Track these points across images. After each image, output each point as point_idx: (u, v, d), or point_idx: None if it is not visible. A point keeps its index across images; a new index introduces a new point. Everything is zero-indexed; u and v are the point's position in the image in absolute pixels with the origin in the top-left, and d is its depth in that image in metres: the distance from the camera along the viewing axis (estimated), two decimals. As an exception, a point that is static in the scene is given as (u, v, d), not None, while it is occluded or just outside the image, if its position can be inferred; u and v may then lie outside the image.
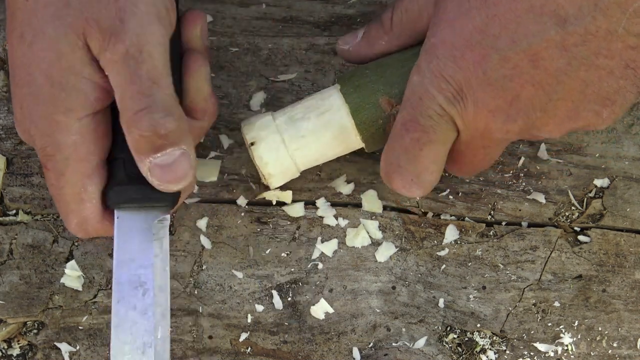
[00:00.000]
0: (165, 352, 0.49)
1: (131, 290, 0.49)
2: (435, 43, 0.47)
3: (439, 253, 0.57)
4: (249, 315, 0.56)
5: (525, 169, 0.58)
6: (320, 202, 0.58)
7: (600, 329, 0.56)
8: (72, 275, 0.56)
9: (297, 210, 0.57)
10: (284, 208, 0.57)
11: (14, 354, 0.56)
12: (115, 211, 0.50)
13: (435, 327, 0.56)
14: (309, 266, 0.57)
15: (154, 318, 0.49)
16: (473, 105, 0.46)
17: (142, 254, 0.50)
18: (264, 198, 0.57)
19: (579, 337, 0.56)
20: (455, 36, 0.45)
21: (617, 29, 0.42)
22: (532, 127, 0.47)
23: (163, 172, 0.47)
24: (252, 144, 0.53)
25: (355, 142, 0.53)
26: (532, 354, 0.56)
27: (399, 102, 0.51)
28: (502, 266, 0.57)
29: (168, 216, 0.51)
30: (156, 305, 0.49)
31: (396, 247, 0.57)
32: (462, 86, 0.46)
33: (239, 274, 0.56)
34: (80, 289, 0.56)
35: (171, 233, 0.57)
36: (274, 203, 0.57)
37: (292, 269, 0.57)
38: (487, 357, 0.56)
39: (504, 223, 0.58)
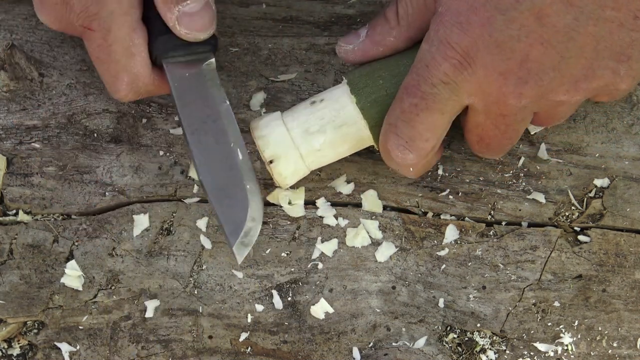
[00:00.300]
0: (251, 170, 0.51)
1: (201, 124, 0.51)
2: (441, 12, 0.47)
3: (439, 253, 0.57)
4: (249, 315, 0.56)
5: (525, 169, 0.58)
6: (320, 202, 0.58)
7: (600, 328, 0.56)
8: (72, 275, 0.56)
9: (297, 210, 0.57)
10: (284, 208, 0.57)
11: (14, 354, 0.56)
12: (164, 62, 0.52)
13: (435, 327, 0.56)
14: (309, 266, 0.57)
15: (230, 141, 0.51)
16: (482, 69, 0.46)
17: (199, 94, 0.52)
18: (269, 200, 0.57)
19: (579, 337, 0.56)
20: (459, 2, 0.46)
21: None
22: (547, 90, 0.46)
23: (191, 19, 0.49)
24: (270, 161, 0.53)
25: (368, 145, 0.54)
26: (532, 353, 0.56)
27: None
28: (502, 266, 0.57)
29: (213, 60, 0.53)
30: (229, 130, 0.51)
31: (396, 247, 0.57)
32: (469, 51, 0.46)
33: (239, 274, 0.56)
34: (80, 288, 0.56)
35: (171, 233, 0.57)
36: (285, 204, 0.57)
37: (292, 269, 0.57)
38: (487, 357, 0.56)
39: (504, 223, 0.58)
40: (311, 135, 0.52)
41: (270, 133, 0.53)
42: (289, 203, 0.57)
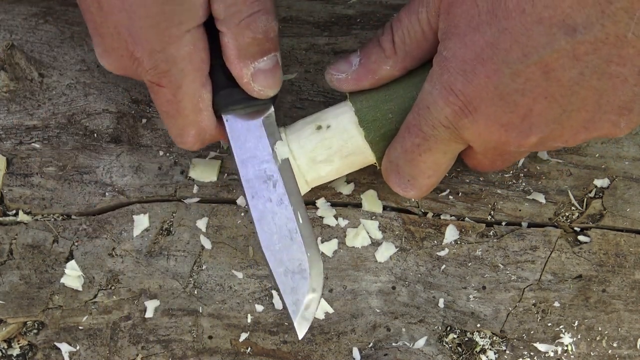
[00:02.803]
0: (311, 235, 0.51)
1: (261, 184, 0.51)
2: (447, 57, 0.46)
3: (439, 253, 0.57)
4: (249, 315, 0.56)
5: (525, 169, 0.58)
6: (320, 202, 0.58)
7: (600, 329, 0.56)
8: (72, 275, 0.56)
9: None
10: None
11: (14, 354, 0.56)
12: (223, 115, 0.52)
13: (435, 327, 0.56)
14: (309, 266, 0.57)
15: (290, 205, 0.50)
16: (484, 119, 0.46)
17: (260, 150, 0.51)
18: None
19: (579, 337, 0.56)
20: (466, 50, 0.45)
21: (627, 34, 0.42)
22: (547, 139, 0.47)
23: (265, 77, 0.50)
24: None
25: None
26: (532, 354, 0.56)
27: None
28: (502, 266, 0.57)
29: (272, 111, 0.52)
30: (289, 194, 0.51)
31: (396, 247, 0.57)
32: (472, 100, 0.46)
33: (239, 274, 0.56)
34: (80, 289, 0.56)
35: (171, 233, 0.57)
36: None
37: (292, 269, 0.57)
38: (487, 357, 0.56)
39: (504, 223, 0.58)
40: (318, 164, 0.52)
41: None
42: None
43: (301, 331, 0.50)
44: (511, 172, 0.58)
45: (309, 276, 0.49)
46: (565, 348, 0.56)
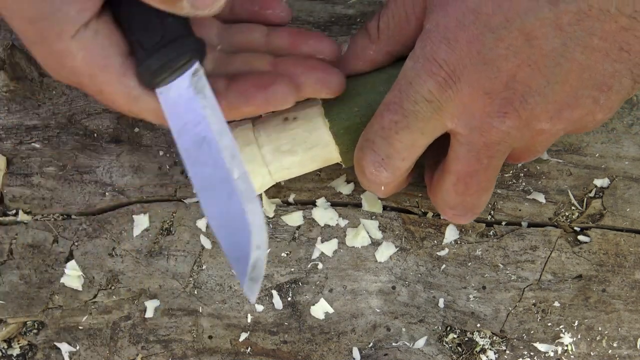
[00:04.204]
0: (249, 188, 0.47)
1: (196, 149, 0.48)
2: (429, 29, 0.46)
3: (439, 253, 0.57)
4: (249, 315, 0.56)
5: (525, 169, 0.58)
6: (320, 202, 0.58)
7: (600, 329, 0.56)
8: (72, 275, 0.56)
9: (295, 219, 0.57)
10: (283, 217, 0.57)
11: (14, 354, 0.56)
12: (157, 90, 0.48)
13: (435, 327, 0.56)
14: (309, 266, 0.57)
15: (224, 162, 0.47)
16: (468, 86, 0.45)
17: (191, 113, 0.48)
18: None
19: (579, 337, 0.56)
20: (448, 19, 0.45)
21: (610, 8, 0.42)
22: (531, 116, 0.46)
23: None
24: None
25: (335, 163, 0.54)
26: (532, 354, 0.56)
27: None
28: (502, 266, 0.57)
29: (198, 66, 0.48)
30: (223, 149, 0.47)
31: (396, 247, 0.57)
32: (455, 68, 0.45)
33: (239, 274, 0.56)
34: (80, 289, 0.56)
35: (171, 233, 0.57)
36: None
37: (292, 269, 0.57)
38: (487, 357, 0.56)
39: (503, 223, 0.58)
40: (282, 154, 0.52)
41: (241, 148, 0.53)
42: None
43: (252, 295, 0.46)
44: (511, 172, 0.58)
45: (250, 232, 0.46)
46: (565, 348, 0.56)
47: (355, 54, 0.52)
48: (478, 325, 0.56)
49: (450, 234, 0.57)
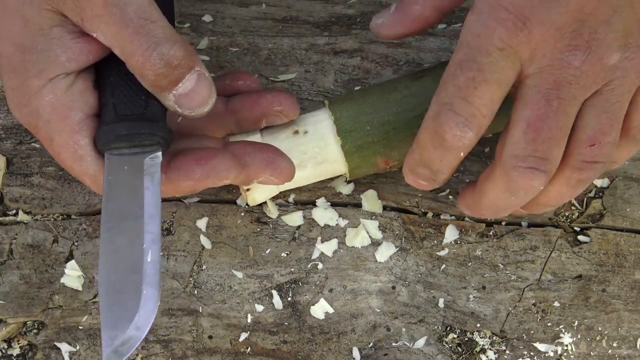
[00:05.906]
0: (155, 275, 0.46)
1: (121, 221, 0.47)
2: None
3: (438, 253, 0.57)
4: (249, 315, 0.56)
5: (525, 169, 0.58)
6: (320, 202, 0.58)
7: (600, 329, 0.56)
8: (72, 275, 0.56)
9: (295, 219, 0.57)
10: (283, 217, 0.57)
11: (14, 354, 0.56)
12: (106, 153, 0.48)
13: (435, 327, 0.56)
14: (309, 266, 0.57)
15: (143, 242, 0.46)
16: (538, 25, 0.45)
17: (132, 188, 0.48)
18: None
19: (579, 337, 0.56)
20: None
21: None
22: (600, 48, 0.45)
23: (190, 99, 0.47)
24: (247, 189, 0.54)
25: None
26: (532, 354, 0.56)
27: (394, 160, 0.53)
28: (502, 266, 0.57)
29: (160, 154, 0.48)
30: (146, 231, 0.47)
31: (396, 247, 0.57)
32: (523, 9, 0.45)
33: (239, 274, 0.56)
34: (80, 289, 0.56)
35: (171, 233, 0.57)
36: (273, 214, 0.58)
37: (292, 269, 0.57)
38: (487, 357, 0.56)
39: (503, 223, 0.58)
40: None
41: None
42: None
43: None
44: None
45: (136, 312, 0.45)
46: (565, 348, 0.56)
47: (403, 10, 0.51)
48: (478, 325, 0.56)
49: (450, 234, 0.57)
